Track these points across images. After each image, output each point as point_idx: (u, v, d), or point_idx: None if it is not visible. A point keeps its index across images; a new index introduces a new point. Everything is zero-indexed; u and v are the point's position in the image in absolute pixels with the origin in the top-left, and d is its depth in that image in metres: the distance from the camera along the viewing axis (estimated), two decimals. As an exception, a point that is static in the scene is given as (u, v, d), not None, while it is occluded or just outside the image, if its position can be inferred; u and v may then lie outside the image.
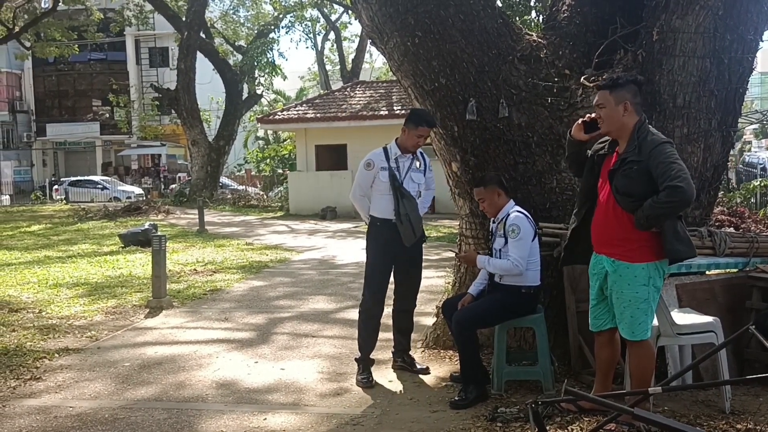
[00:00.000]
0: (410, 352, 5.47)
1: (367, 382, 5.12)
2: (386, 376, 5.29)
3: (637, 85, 3.93)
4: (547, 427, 3.88)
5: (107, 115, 41.57)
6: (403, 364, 5.37)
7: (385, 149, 5.23)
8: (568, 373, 4.95)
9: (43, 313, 7.79)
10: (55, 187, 34.39)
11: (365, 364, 5.24)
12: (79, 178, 35.33)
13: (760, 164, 20.85)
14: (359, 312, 5.34)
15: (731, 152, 6.28)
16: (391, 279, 5.37)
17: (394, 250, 5.18)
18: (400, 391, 4.99)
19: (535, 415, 3.03)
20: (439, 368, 5.37)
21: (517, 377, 4.87)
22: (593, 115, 4.04)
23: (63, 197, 32.08)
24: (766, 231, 9.98)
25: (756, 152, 29.55)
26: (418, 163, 5.25)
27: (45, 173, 43.39)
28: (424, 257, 5.48)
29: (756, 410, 4.24)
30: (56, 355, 6.08)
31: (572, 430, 4.01)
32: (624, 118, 3.86)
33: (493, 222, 4.83)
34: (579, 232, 4.17)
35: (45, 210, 26.70)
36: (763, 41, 5.37)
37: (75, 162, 44.84)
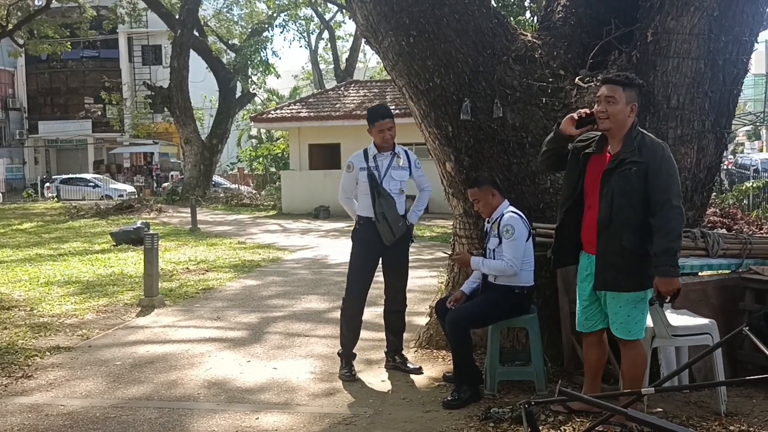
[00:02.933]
0: (403, 352, 5.47)
1: (349, 375, 5.19)
2: (379, 376, 5.28)
3: (640, 89, 3.94)
4: (540, 428, 3.87)
5: (99, 113, 41.41)
6: (396, 364, 5.37)
7: (365, 150, 5.30)
8: (561, 373, 4.95)
9: (35, 311, 7.74)
10: (47, 184, 34.22)
11: (347, 358, 5.31)
12: (70, 176, 35.15)
13: (753, 166, 20.93)
14: (341, 311, 5.39)
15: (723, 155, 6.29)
16: (382, 279, 5.38)
17: (377, 250, 5.22)
18: (393, 391, 4.97)
19: (528, 415, 3.02)
20: (432, 368, 5.36)
21: (510, 377, 4.87)
22: (588, 110, 4.00)
23: (55, 195, 31.93)
24: (759, 232, 10.02)
25: (749, 154, 29.69)
26: (400, 161, 5.29)
27: (37, 171, 43.22)
28: (418, 257, 5.50)
29: (749, 412, 4.24)
30: (47, 353, 6.04)
31: (565, 430, 4.01)
32: (628, 119, 3.84)
33: (488, 222, 4.82)
34: (563, 232, 4.16)
35: (36, 208, 26.58)
36: (757, 42, 5.37)
37: (67, 160, 44.68)
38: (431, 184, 5.53)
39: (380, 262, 5.34)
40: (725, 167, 20.62)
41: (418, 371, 5.26)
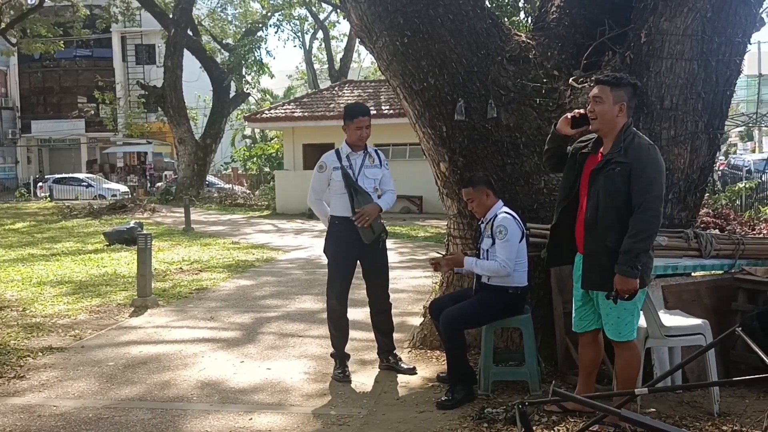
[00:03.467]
0: (396, 352, 5.46)
1: (343, 376, 5.18)
2: (373, 377, 5.27)
3: (634, 89, 3.95)
4: (534, 428, 3.87)
5: (93, 113, 41.25)
6: (389, 364, 5.36)
7: (337, 150, 5.27)
8: (554, 373, 4.96)
9: (27, 312, 7.71)
10: (40, 184, 34.09)
11: (341, 358, 5.31)
12: (63, 175, 35.04)
13: (746, 167, 21.01)
14: (327, 312, 5.37)
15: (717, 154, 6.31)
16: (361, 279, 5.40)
17: (356, 249, 5.19)
18: (387, 391, 4.97)
19: (522, 415, 3.02)
20: (426, 368, 5.36)
21: (504, 378, 4.87)
22: (582, 110, 4.04)
23: (47, 195, 31.81)
24: (751, 233, 10.06)
25: (741, 155, 29.80)
26: (372, 160, 5.27)
27: (30, 170, 43.03)
28: (411, 257, 5.49)
29: (742, 412, 4.25)
30: (40, 353, 6.02)
31: (559, 431, 4.01)
32: (617, 118, 3.86)
33: (482, 222, 4.83)
34: (559, 231, 4.17)
35: (29, 207, 26.47)
36: (750, 44, 5.39)
37: (60, 159, 44.51)
38: (395, 189, 5.44)
39: (359, 264, 5.31)
40: (717, 169, 20.70)
41: (412, 371, 5.25)
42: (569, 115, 4.08)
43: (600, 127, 3.91)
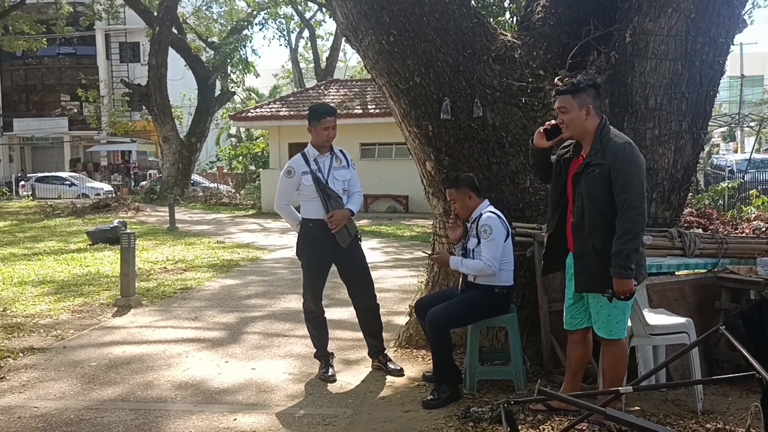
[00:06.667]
0: (386, 352, 5.44)
1: (327, 375, 5.18)
2: (358, 376, 5.26)
3: (596, 89, 3.98)
4: (519, 427, 3.88)
5: (76, 111, 40.90)
6: (380, 364, 5.34)
7: (303, 154, 5.21)
8: (540, 372, 4.97)
9: (8, 312, 7.62)
10: (22, 183, 33.77)
11: (325, 358, 5.30)
12: (46, 174, 34.76)
13: (728, 167, 21.19)
14: (304, 314, 5.36)
15: (700, 154, 6.34)
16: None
17: (331, 251, 5.16)
18: (372, 391, 4.96)
19: (507, 414, 3.02)
20: (412, 368, 5.35)
21: (490, 377, 4.87)
22: (554, 121, 4.07)
23: (30, 193, 31.53)
24: (734, 232, 10.15)
25: (724, 155, 30.04)
26: (339, 161, 5.25)
27: (12, 169, 42.58)
28: (397, 257, 5.47)
29: (725, 410, 4.28)
30: (21, 354, 5.95)
31: (544, 429, 4.02)
32: (587, 122, 3.89)
33: (469, 222, 4.82)
34: (554, 240, 4.18)
35: (11, 206, 26.20)
36: (733, 45, 5.43)
37: (43, 158, 44.13)
38: (362, 191, 5.40)
39: (337, 270, 5.28)
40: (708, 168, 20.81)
41: (399, 373, 5.22)
42: (541, 128, 4.12)
43: (573, 134, 3.96)
